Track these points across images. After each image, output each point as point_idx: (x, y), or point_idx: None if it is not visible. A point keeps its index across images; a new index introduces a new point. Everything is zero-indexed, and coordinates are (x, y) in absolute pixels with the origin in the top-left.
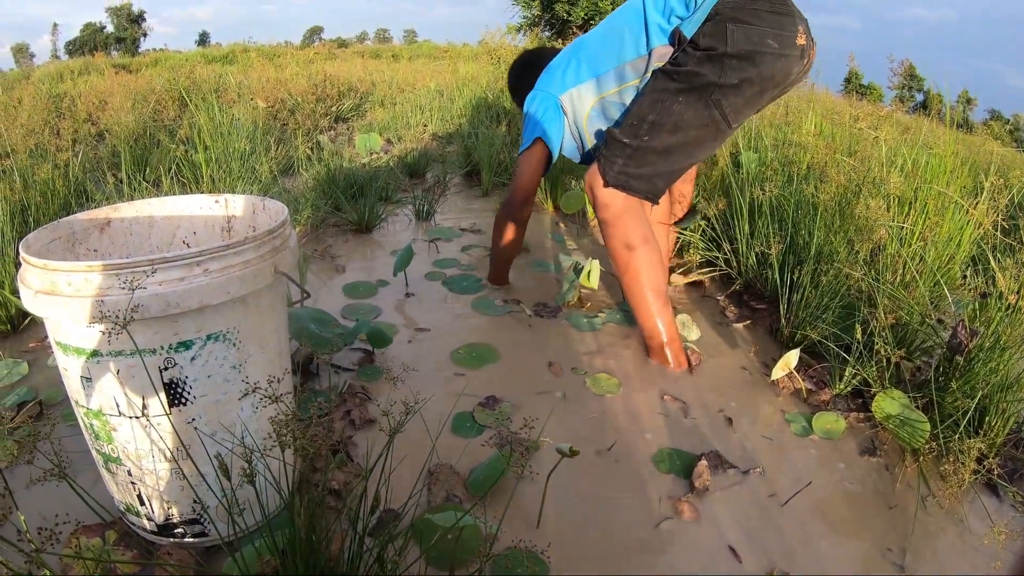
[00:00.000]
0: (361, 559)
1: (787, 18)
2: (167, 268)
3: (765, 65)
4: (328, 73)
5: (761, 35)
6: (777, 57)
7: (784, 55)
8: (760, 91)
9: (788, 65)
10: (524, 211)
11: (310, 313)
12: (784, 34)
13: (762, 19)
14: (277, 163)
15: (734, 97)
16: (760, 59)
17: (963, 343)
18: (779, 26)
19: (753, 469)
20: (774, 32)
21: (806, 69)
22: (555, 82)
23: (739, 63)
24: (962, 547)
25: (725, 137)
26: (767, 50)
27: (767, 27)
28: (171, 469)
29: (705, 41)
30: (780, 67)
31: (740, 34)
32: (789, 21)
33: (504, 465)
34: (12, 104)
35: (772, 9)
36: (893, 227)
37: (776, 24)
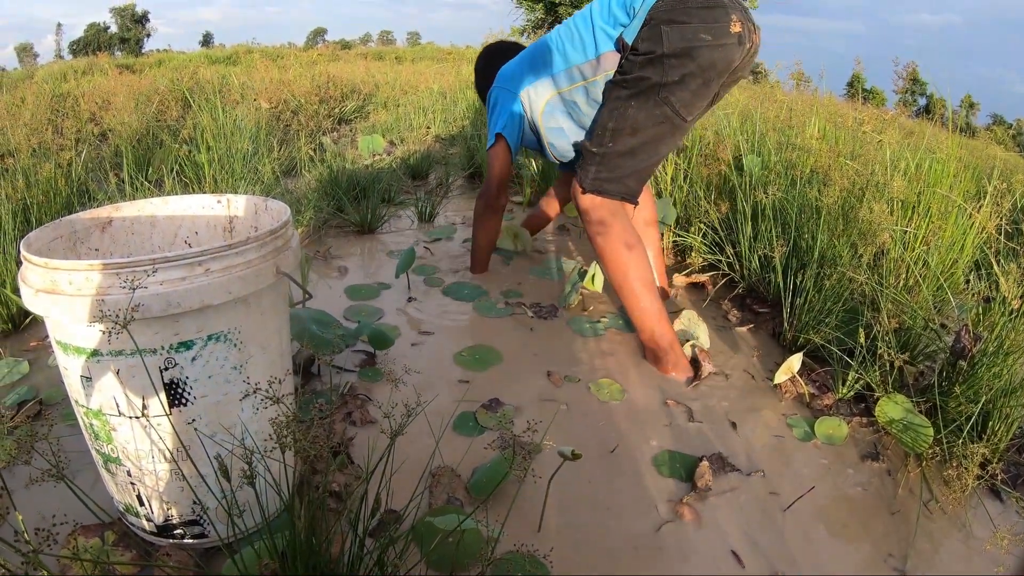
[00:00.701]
0: (361, 561)
1: (718, 10)
2: (168, 268)
3: (703, 57)
4: (331, 75)
5: (694, 31)
6: (713, 48)
7: (720, 45)
8: (704, 82)
9: (728, 53)
10: (500, 200)
11: (311, 314)
12: (717, 25)
13: (693, 15)
14: (280, 164)
15: (680, 92)
16: (697, 53)
17: (967, 348)
18: (711, 19)
19: (755, 473)
20: (706, 25)
21: (752, 52)
22: (514, 79)
23: (678, 61)
24: (965, 552)
25: (684, 130)
26: (701, 44)
27: (699, 22)
28: (171, 470)
29: (644, 45)
30: (719, 56)
31: (674, 34)
32: (721, 12)
33: (506, 468)
34: (15, 103)
35: (702, 4)
36: (896, 231)
37: (707, 18)
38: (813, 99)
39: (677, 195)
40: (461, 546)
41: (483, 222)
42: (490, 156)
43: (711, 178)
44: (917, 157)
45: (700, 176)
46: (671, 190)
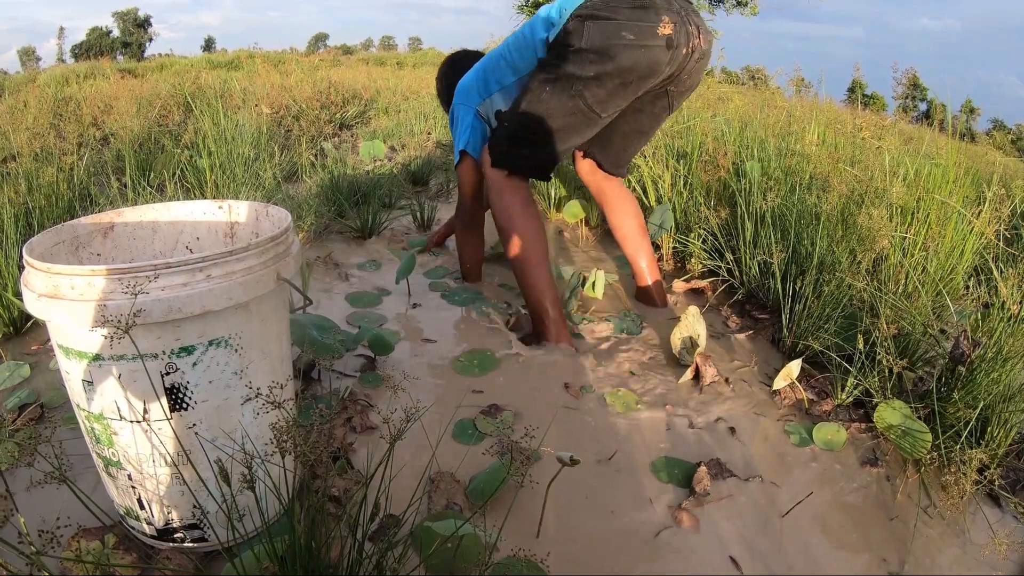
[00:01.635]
0: (361, 565)
1: (647, 11)
2: (170, 273)
3: (622, 57)
4: (333, 80)
5: (615, 28)
6: (635, 48)
7: (642, 46)
8: (623, 83)
9: (652, 56)
10: (476, 215)
11: (312, 319)
12: (642, 25)
13: (619, 14)
14: (281, 169)
15: (595, 88)
16: (616, 51)
17: (965, 353)
18: (636, 18)
19: (753, 478)
20: (631, 24)
21: (694, 57)
22: (470, 93)
23: (595, 57)
24: (963, 558)
25: (600, 123)
26: (622, 42)
27: (623, 20)
28: (171, 474)
29: (565, 38)
30: (641, 58)
31: (595, 29)
32: (648, 13)
33: (505, 474)
34: (18, 107)
35: (631, 4)
36: (896, 237)
37: (633, 17)
38: (813, 105)
39: (677, 201)
40: (460, 551)
41: (466, 240)
42: (459, 174)
43: (711, 184)
44: (916, 163)
45: (700, 182)
46: (671, 196)
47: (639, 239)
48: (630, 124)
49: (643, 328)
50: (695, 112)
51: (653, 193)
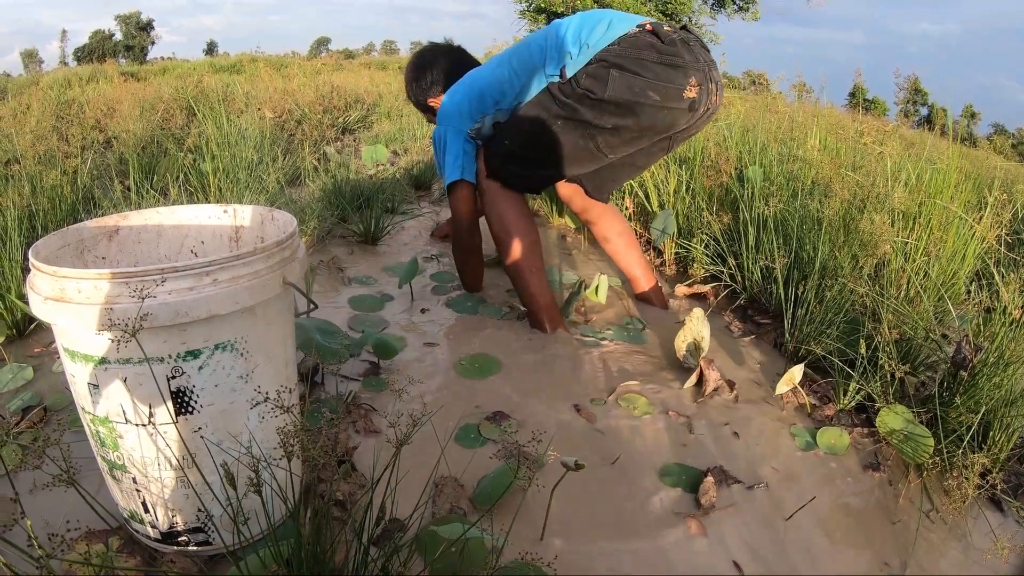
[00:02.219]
0: (366, 569)
1: (677, 70)
2: (177, 277)
3: (645, 116)
4: (335, 84)
5: (643, 86)
6: (658, 109)
7: (667, 108)
8: (637, 136)
9: (673, 117)
10: (475, 241)
11: (316, 324)
12: (670, 87)
13: (647, 69)
14: (284, 173)
15: (610, 137)
16: (640, 110)
17: (967, 358)
18: (665, 78)
19: (758, 484)
20: (659, 84)
21: (705, 117)
22: (463, 118)
23: (617, 110)
24: (965, 562)
25: (604, 162)
26: (647, 101)
27: (651, 78)
28: (176, 477)
29: (586, 82)
30: (662, 118)
31: (621, 82)
32: (678, 74)
33: (509, 478)
34: (21, 109)
35: (660, 60)
36: (897, 242)
37: (663, 76)
38: (814, 110)
39: (679, 206)
40: (465, 555)
41: (466, 262)
42: (454, 201)
43: (713, 189)
44: (918, 168)
45: (702, 187)
46: (673, 201)
47: (630, 251)
48: (624, 159)
49: (646, 332)
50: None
51: (656, 198)
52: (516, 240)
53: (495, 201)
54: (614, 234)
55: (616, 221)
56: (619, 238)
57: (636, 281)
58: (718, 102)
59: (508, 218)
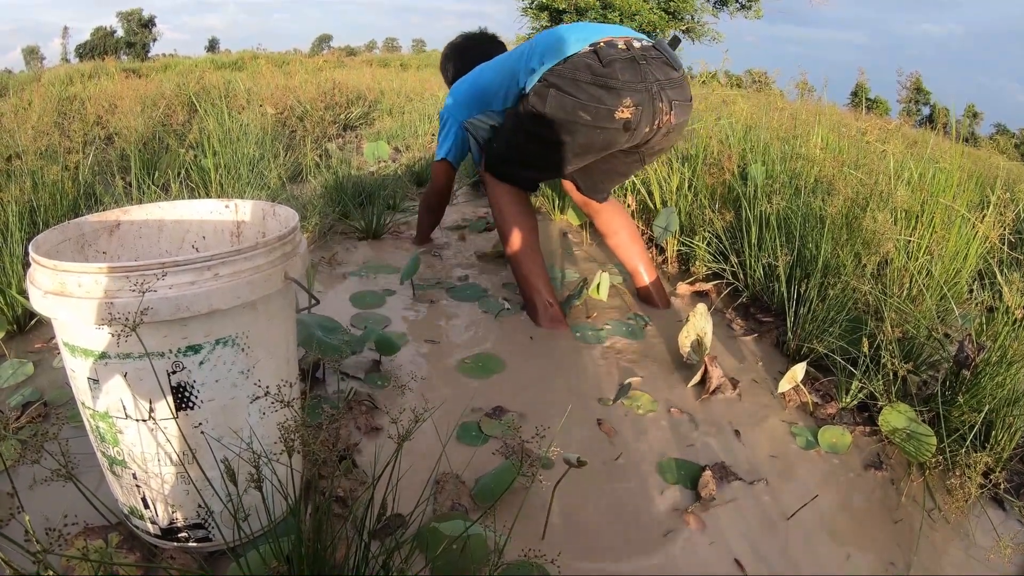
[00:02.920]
0: (367, 566)
1: (609, 92)
2: (178, 271)
3: (579, 135)
4: (337, 81)
5: (574, 106)
6: (591, 129)
7: (599, 127)
8: (581, 152)
9: (608, 136)
10: (441, 204)
11: (318, 320)
12: (601, 108)
13: (580, 91)
14: (286, 170)
15: (558, 148)
16: (574, 128)
17: (970, 357)
18: (596, 99)
19: (758, 481)
20: (590, 105)
21: (655, 132)
22: (462, 108)
23: (555, 126)
24: (967, 561)
25: (566, 171)
26: (579, 121)
27: (583, 99)
28: (177, 473)
29: (532, 99)
30: (596, 137)
31: (556, 102)
32: (611, 95)
33: (511, 475)
34: (23, 106)
35: (593, 81)
36: (900, 240)
37: (594, 97)
38: (817, 108)
39: (682, 204)
40: (466, 552)
41: (426, 217)
42: (435, 170)
43: (715, 187)
44: (920, 167)
45: (704, 185)
46: (676, 199)
47: (632, 246)
48: (603, 163)
49: (648, 329)
50: (699, 115)
51: (659, 195)
52: (513, 230)
53: (495, 193)
54: (616, 227)
55: (618, 215)
56: (621, 231)
57: (637, 275)
58: (673, 121)
59: (506, 210)
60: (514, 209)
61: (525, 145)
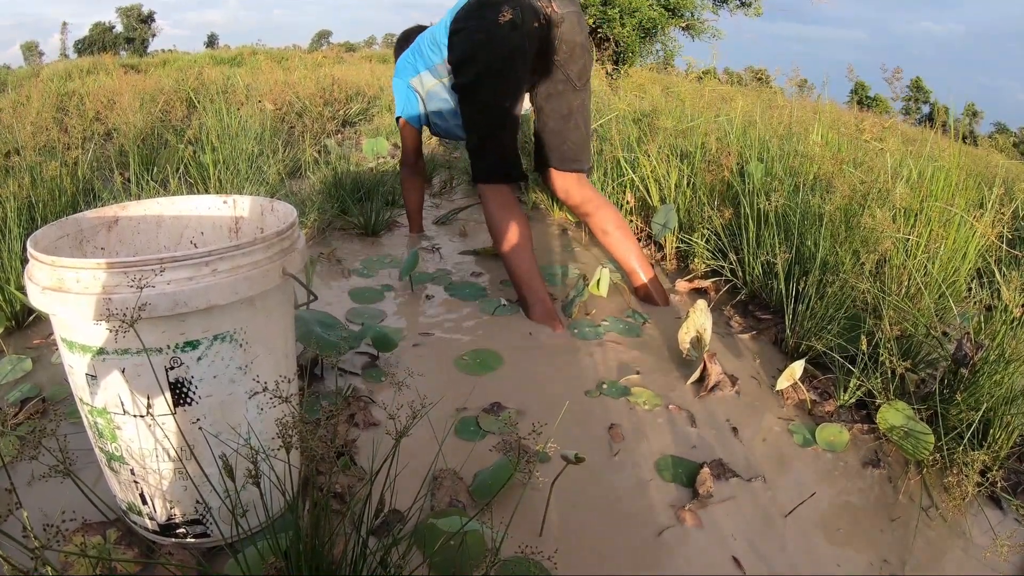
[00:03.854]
0: (364, 562)
1: (488, 7)
2: (176, 267)
3: (485, 54)
4: (336, 77)
5: (468, 34)
6: (488, 43)
7: (494, 37)
8: (500, 71)
9: (509, 42)
10: (418, 164)
11: (316, 316)
12: (486, 22)
13: (470, 21)
14: (284, 166)
15: (484, 89)
16: (478, 52)
17: (968, 355)
18: (481, 17)
19: (756, 478)
20: (479, 23)
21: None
22: (406, 69)
23: (465, 65)
24: (964, 559)
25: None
26: (479, 43)
27: (473, 26)
28: (175, 469)
29: (451, 57)
30: (501, 48)
31: (457, 42)
32: (491, 10)
33: (509, 472)
34: (21, 101)
35: (476, 13)
36: (899, 238)
37: (478, 16)
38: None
39: (680, 201)
40: (464, 548)
41: (409, 184)
42: (401, 131)
43: (714, 184)
44: (919, 165)
45: (703, 182)
46: (674, 196)
47: (625, 243)
48: (551, 117)
49: (648, 326)
50: (698, 112)
51: (657, 193)
52: (504, 232)
53: (486, 199)
54: (610, 227)
55: (612, 214)
56: (615, 231)
57: (634, 274)
58: (560, 10)
59: (497, 213)
60: (507, 214)
61: (470, 112)
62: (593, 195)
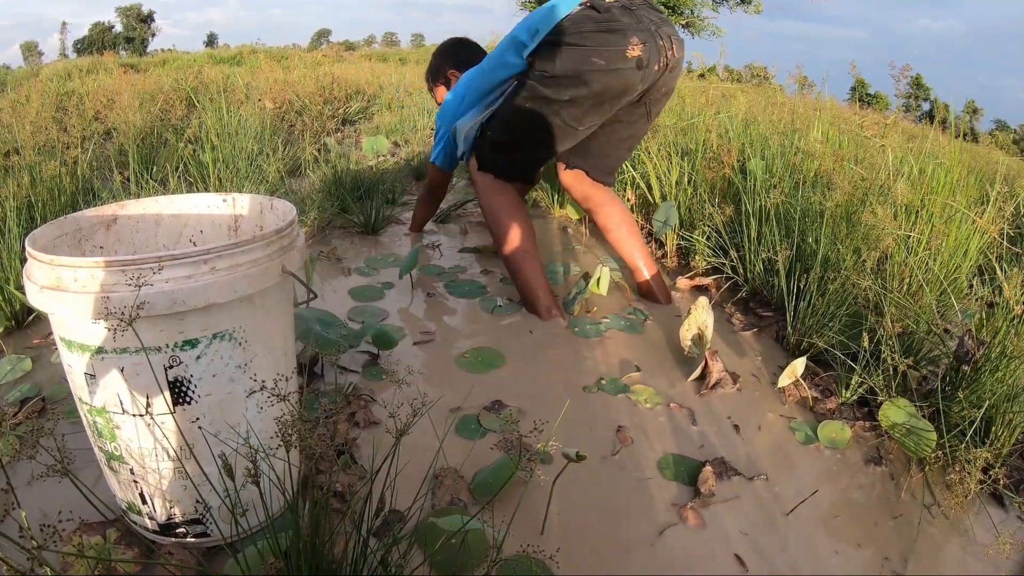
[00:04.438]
0: (365, 562)
1: (615, 34)
2: (174, 265)
3: (594, 83)
4: (336, 76)
5: (586, 54)
6: (606, 73)
7: (614, 70)
8: (596, 103)
9: (623, 78)
10: (435, 197)
11: (316, 314)
12: (612, 50)
13: (588, 39)
14: (284, 164)
15: (572, 109)
16: (588, 77)
17: (970, 353)
18: (605, 43)
19: (758, 476)
20: (600, 49)
21: (669, 69)
22: (451, 113)
23: (569, 82)
24: (966, 557)
25: (579, 135)
26: (594, 68)
27: (592, 46)
28: (174, 468)
29: (539, 64)
30: (613, 81)
31: (567, 55)
32: (617, 37)
33: (510, 470)
34: (20, 101)
35: (599, 28)
36: (900, 236)
37: (602, 42)
38: (816, 103)
39: (681, 198)
40: (465, 547)
41: (423, 207)
42: (430, 171)
43: (715, 181)
44: (920, 161)
45: (704, 179)
46: (675, 193)
47: (631, 239)
48: (608, 135)
49: (648, 324)
50: (699, 109)
51: (658, 190)
52: (507, 229)
53: (486, 192)
54: (616, 222)
55: (617, 209)
56: (621, 227)
57: (637, 270)
58: (677, 55)
59: (498, 208)
60: (509, 209)
61: (530, 119)
62: (599, 189)
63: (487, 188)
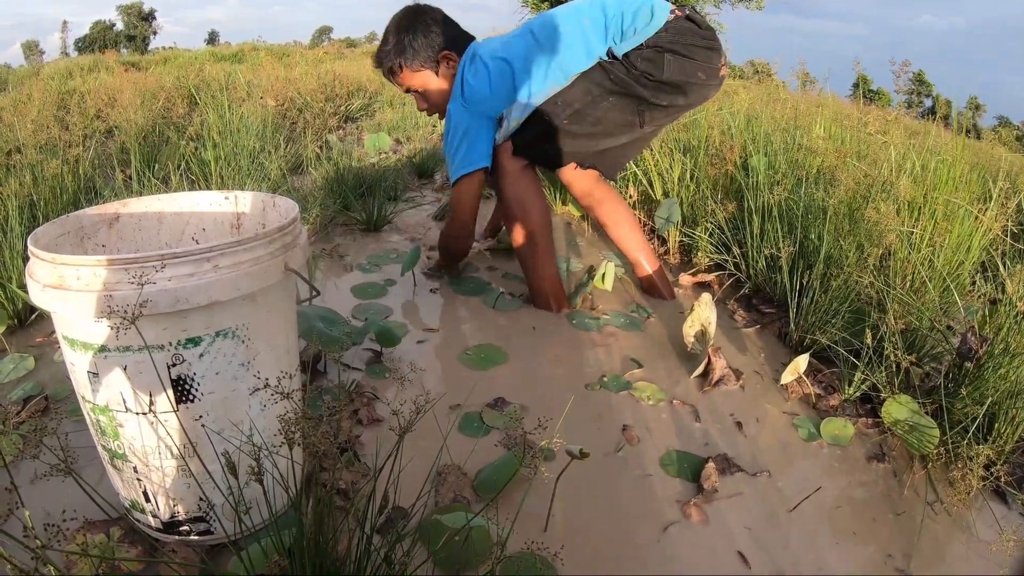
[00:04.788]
0: (368, 559)
1: (714, 52)
2: (177, 263)
3: (693, 94)
4: (337, 73)
5: (694, 68)
6: (703, 87)
7: (708, 85)
8: (681, 111)
9: (708, 93)
10: (463, 244)
11: (319, 312)
12: (711, 67)
13: (696, 53)
14: (286, 161)
15: (659, 113)
16: (689, 89)
17: (973, 349)
18: (707, 60)
19: (761, 473)
20: (705, 66)
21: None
22: (496, 101)
23: (672, 90)
24: (969, 554)
25: (636, 134)
26: (696, 81)
27: (700, 61)
28: (177, 466)
29: (643, 65)
30: (704, 95)
31: (676, 65)
32: (715, 55)
33: (513, 467)
34: (22, 100)
35: (704, 44)
36: (903, 232)
37: (706, 59)
38: (819, 99)
39: (684, 195)
40: (468, 544)
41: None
42: (460, 190)
43: (717, 178)
44: (922, 158)
45: (706, 176)
46: (678, 190)
47: (632, 235)
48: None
49: (652, 320)
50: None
51: (660, 186)
52: (533, 219)
53: (517, 179)
54: (617, 219)
55: (618, 206)
56: (622, 223)
57: (639, 266)
58: (724, 73)
59: (527, 197)
60: (537, 199)
61: (607, 111)
62: (600, 185)
63: (518, 175)
